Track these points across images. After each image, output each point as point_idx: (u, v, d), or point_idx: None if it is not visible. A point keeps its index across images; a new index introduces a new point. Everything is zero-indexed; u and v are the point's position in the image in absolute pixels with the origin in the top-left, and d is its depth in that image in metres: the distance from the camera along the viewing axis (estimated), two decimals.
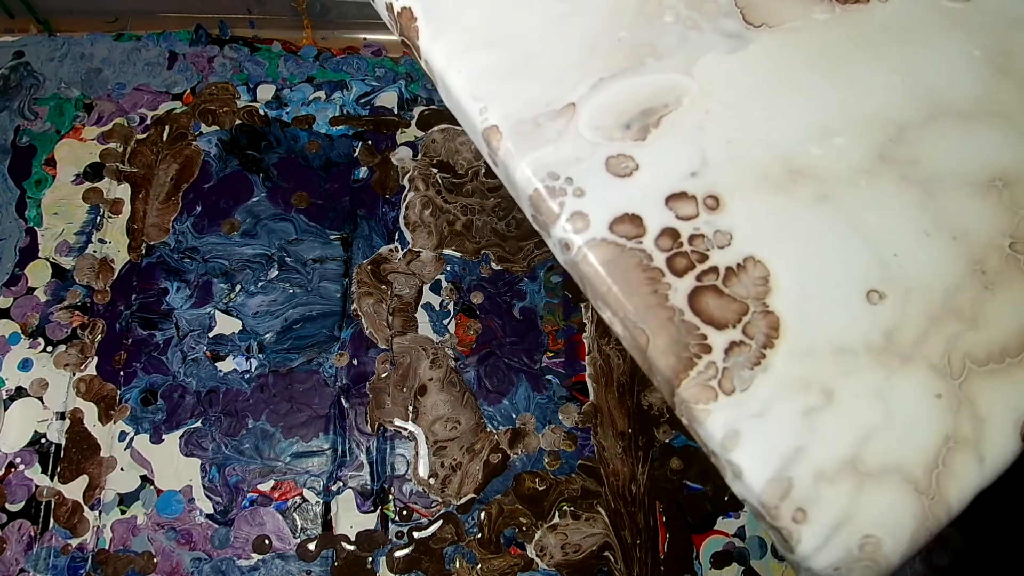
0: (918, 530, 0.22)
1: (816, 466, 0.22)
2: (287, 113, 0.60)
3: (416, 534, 0.50)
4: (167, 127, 0.59)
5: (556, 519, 0.51)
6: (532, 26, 0.26)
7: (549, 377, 0.54)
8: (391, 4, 0.27)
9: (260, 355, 0.53)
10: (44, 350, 0.52)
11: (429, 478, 0.51)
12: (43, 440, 0.50)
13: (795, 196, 0.25)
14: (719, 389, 0.22)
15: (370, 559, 0.49)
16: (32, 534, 0.48)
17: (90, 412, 0.51)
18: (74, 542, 0.48)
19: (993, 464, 0.23)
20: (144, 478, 0.50)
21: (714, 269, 0.23)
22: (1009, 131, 0.26)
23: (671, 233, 0.24)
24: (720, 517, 0.53)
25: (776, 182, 0.25)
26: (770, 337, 0.23)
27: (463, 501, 0.51)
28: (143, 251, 0.55)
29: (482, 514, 0.51)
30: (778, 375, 0.23)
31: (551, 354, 0.55)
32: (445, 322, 0.55)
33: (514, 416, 0.53)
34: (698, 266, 0.23)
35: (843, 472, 0.22)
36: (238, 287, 0.55)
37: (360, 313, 0.55)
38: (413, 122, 0.61)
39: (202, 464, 0.50)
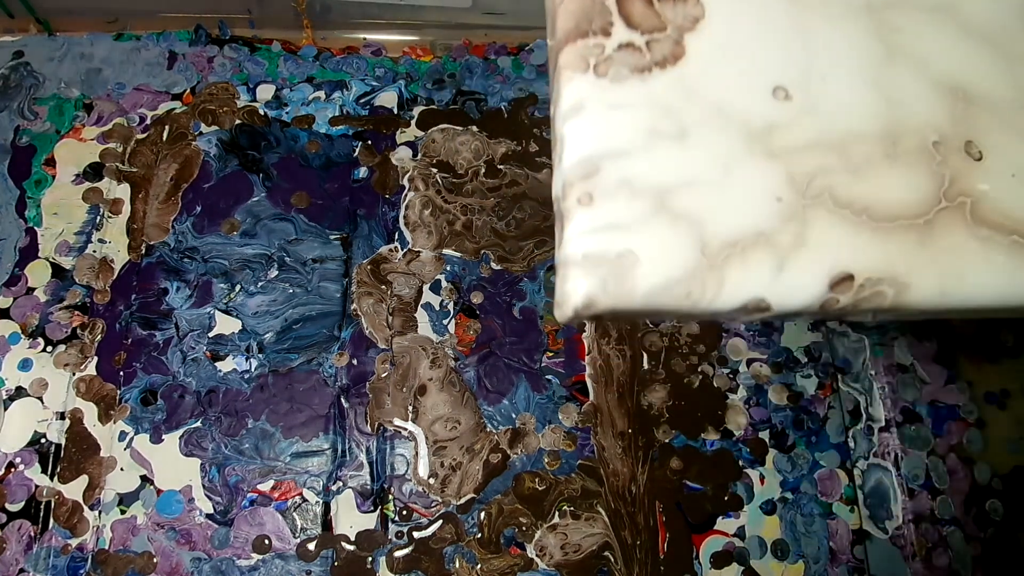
0: (679, 283, 0.21)
1: (630, 173, 0.22)
2: (287, 113, 0.60)
3: (416, 534, 0.50)
4: (167, 127, 0.59)
5: (556, 519, 0.51)
6: None
7: (549, 377, 0.54)
8: None
9: (260, 355, 0.53)
10: (44, 350, 0.52)
11: (429, 478, 0.51)
12: (43, 440, 0.50)
13: None
14: (592, 68, 0.23)
15: (370, 559, 0.49)
16: (32, 534, 0.48)
17: (90, 412, 0.51)
18: (74, 542, 0.48)
19: (786, 288, 0.22)
20: (144, 478, 0.50)
21: None
22: (999, 61, 0.26)
23: None
24: (720, 517, 0.52)
25: None
26: (665, 61, 0.23)
27: (463, 501, 0.51)
28: (143, 251, 0.55)
29: (482, 514, 0.51)
30: (650, 92, 0.23)
31: (551, 354, 0.55)
32: (445, 322, 0.55)
33: (514, 416, 0.53)
34: None
35: (650, 193, 0.22)
36: (238, 287, 0.55)
37: (360, 313, 0.55)
38: (413, 122, 0.61)
39: (202, 464, 0.50)
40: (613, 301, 0.21)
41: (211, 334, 0.53)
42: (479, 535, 0.50)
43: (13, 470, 0.49)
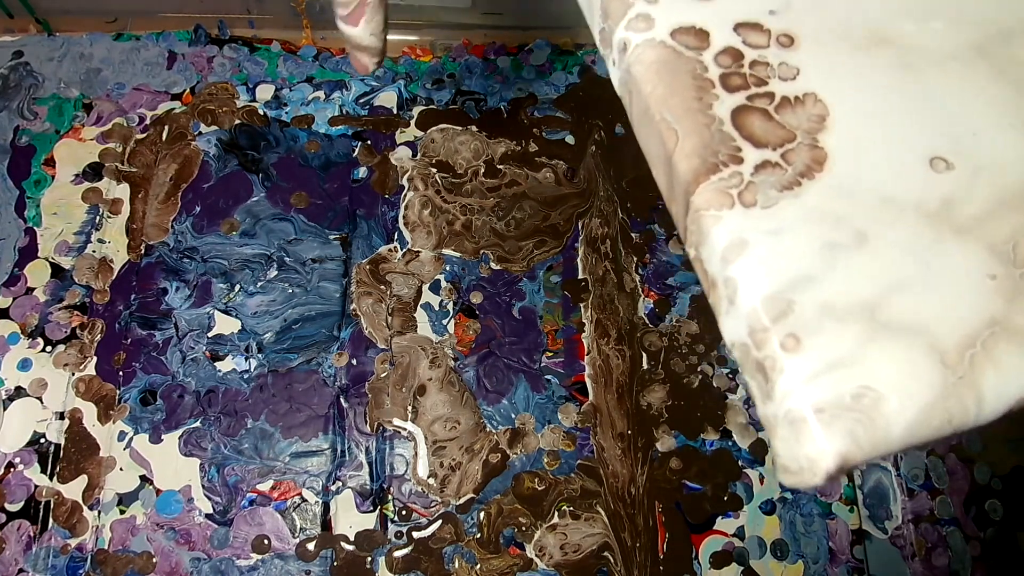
0: (934, 404, 0.19)
1: (826, 298, 0.19)
2: (286, 113, 0.60)
3: (415, 534, 0.50)
4: (166, 127, 0.59)
5: (555, 519, 0.51)
6: None
7: (548, 377, 0.54)
8: None
9: (259, 355, 0.53)
10: (43, 350, 0.52)
11: (428, 478, 0.51)
12: (42, 440, 0.50)
13: (875, 57, 0.23)
14: (737, 199, 0.20)
15: (369, 559, 0.49)
16: (31, 534, 0.48)
17: (89, 412, 0.51)
18: (73, 542, 0.48)
19: None
20: (143, 478, 0.50)
21: (769, 95, 0.22)
22: None
23: (734, 53, 0.22)
24: (719, 517, 0.52)
25: (858, 42, 0.23)
26: (811, 169, 0.21)
27: (462, 501, 0.51)
28: (142, 251, 0.55)
29: (481, 514, 0.51)
30: (809, 203, 0.20)
31: (550, 354, 0.55)
32: (444, 322, 0.55)
33: (513, 416, 0.53)
34: (753, 88, 0.22)
35: (857, 313, 0.19)
36: (237, 287, 0.55)
37: (359, 313, 0.55)
38: (412, 122, 0.61)
39: (201, 464, 0.50)
40: (870, 450, 0.18)
41: (210, 334, 0.53)
42: (478, 535, 0.50)
43: (13, 470, 0.49)
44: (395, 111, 0.61)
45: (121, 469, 0.50)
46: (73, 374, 0.52)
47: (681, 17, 0.23)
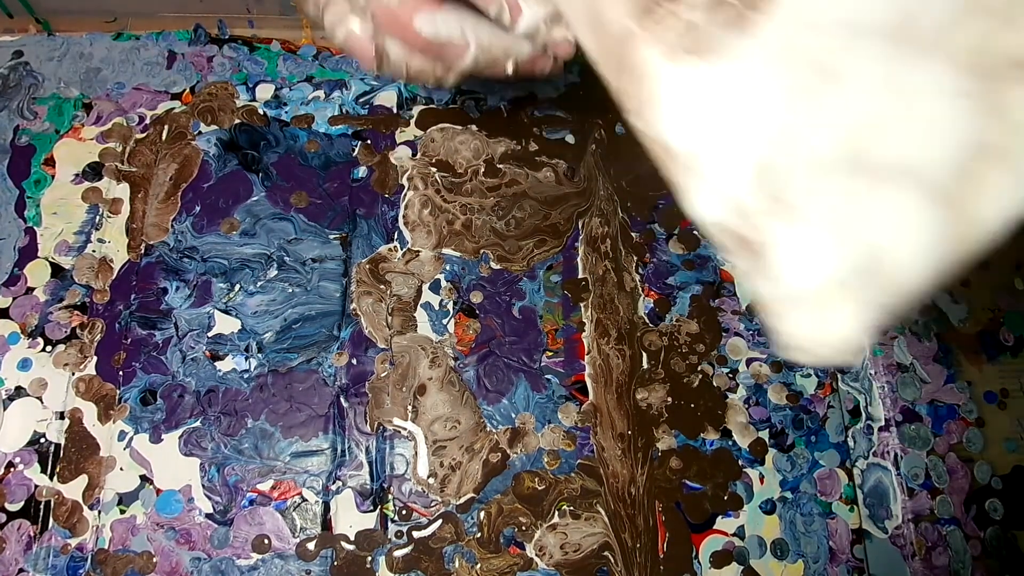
0: (939, 244, 0.17)
1: (805, 151, 0.17)
2: (286, 112, 0.60)
3: (415, 533, 0.50)
4: (166, 126, 0.59)
5: (556, 518, 0.51)
6: None
7: (548, 377, 0.54)
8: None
9: (259, 355, 0.53)
10: (43, 350, 0.52)
11: (428, 478, 0.51)
12: (42, 440, 0.50)
13: None
14: (681, 48, 0.17)
15: (369, 558, 0.49)
16: (31, 534, 0.48)
17: (89, 412, 0.51)
18: (73, 542, 0.48)
19: None
20: (143, 478, 0.50)
21: None
22: None
23: None
24: (720, 516, 0.52)
25: None
26: (755, 1, 0.18)
27: (462, 500, 0.51)
28: (142, 250, 0.55)
29: (481, 513, 0.51)
30: (766, 42, 0.17)
31: (550, 354, 0.55)
32: (444, 321, 0.55)
33: (513, 416, 0.53)
34: None
35: (842, 164, 0.17)
36: (237, 286, 0.55)
37: (359, 312, 0.55)
38: (412, 121, 0.61)
39: (201, 464, 0.50)
40: (894, 309, 0.17)
41: (210, 334, 0.53)
42: (479, 535, 0.50)
43: (12, 470, 0.49)
44: (395, 110, 0.61)
45: (121, 469, 0.50)
46: (73, 374, 0.52)
47: None
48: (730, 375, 0.56)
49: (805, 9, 0.18)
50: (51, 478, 0.49)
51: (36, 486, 0.49)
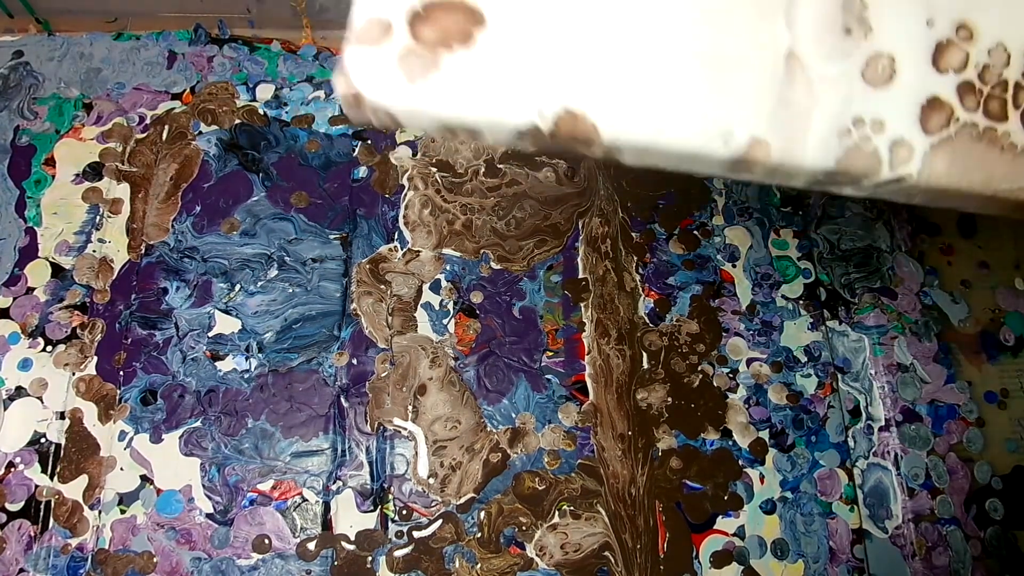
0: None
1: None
2: (286, 112, 0.60)
3: (416, 533, 0.50)
4: (166, 126, 0.59)
5: (556, 518, 0.51)
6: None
7: (549, 376, 0.54)
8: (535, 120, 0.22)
9: (260, 355, 0.53)
10: (44, 350, 0.52)
11: (429, 478, 0.51)
12: (43, 440, 0.50)
13: None
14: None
15: (370, 558, 0.49)
16: (32, 534, 0.48)
17: (90, 412, 0.51)
18: (74, 542, 0.48)
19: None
20: (144, 478, 0.50)
21: None
22: None
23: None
24: (720, 516, 0.52)
25: None
26: None
27: (463, 500, 0.51)
28: (142, 251, 0.55)
29: (482, 513, 0.51)
30: None
31: (551, 353, 0.55)
32: (445, 321, 0.55)
33: (514, 415, 0.53)
34: None
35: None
36: (238, 286, 0.55)
37: (360, 312, 0.55)
38: None
39: (202, 464, 0.50)
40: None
41: (211, 334, 0.53)
42: (479, 535, 0.50)
43: (13, 470, 0.49)
44: None
45: (122, 469, 0.50)
46: (73, 374, 0.52)
47: (908, 111, 0.22)
48: (730, 375, 0.56)
49: None
50: (51, 478, 0.49)
51: (36, 486, 0.49)
